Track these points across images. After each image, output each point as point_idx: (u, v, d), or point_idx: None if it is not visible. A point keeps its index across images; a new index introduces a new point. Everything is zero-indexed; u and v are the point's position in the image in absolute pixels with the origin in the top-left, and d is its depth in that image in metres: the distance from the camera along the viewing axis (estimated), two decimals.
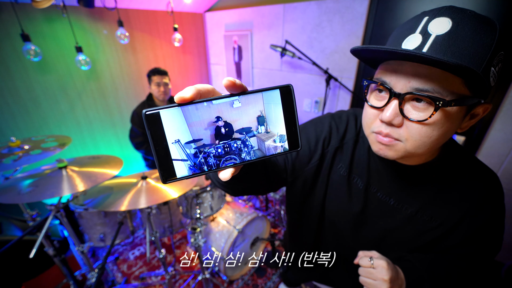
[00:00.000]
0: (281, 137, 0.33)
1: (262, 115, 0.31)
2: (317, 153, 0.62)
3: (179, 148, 0.29)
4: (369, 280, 0.54)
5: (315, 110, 2.28)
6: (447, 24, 0.38)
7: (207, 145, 0.30)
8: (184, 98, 0.28)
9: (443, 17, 0.39)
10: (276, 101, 0.31)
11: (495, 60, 0.38)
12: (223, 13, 2.61)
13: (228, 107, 0.30)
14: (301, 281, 0.95)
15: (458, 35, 0.37)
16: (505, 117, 1.47)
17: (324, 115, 0.67)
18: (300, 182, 0.65)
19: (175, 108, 0.28)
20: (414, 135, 0.42)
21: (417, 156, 0.46)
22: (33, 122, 1.89)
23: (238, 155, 0.32)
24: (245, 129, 0.31)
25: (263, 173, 0.53)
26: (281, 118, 0.32)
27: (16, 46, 1.68)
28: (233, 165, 0.32)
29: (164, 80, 1.88)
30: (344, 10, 1.83)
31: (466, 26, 0.37)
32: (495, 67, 0.38)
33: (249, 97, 0.31)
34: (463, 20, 0.37)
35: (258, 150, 0.33)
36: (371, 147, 0.50)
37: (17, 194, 0.91)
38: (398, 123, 0.42)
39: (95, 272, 1.25)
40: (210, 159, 0.31)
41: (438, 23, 0.39)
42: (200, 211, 1.43)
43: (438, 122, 0.40)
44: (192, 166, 0.30)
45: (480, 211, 0.53)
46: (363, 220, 0.63)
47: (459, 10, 0.39)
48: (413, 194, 0.56)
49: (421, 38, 0.39)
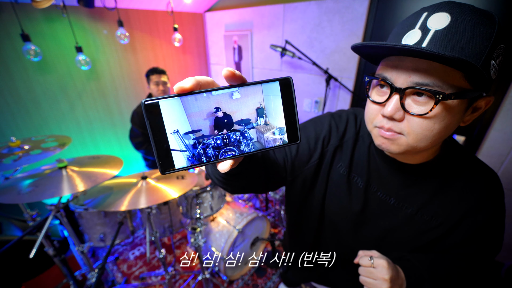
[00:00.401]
0: (280, 129, 0.32)
1: (261, 107, 0.31)
2: (317, 152, 0.62)
3: (178, 138, 0.29)
4: (369, 280, 0.53)
5: (315, 110, 2.28)
6: (446, 19, 0.38)
7: (206, 136, 0.30)
8: (183, 88, 0.28)
9: (442, 12, 0.39)
10: (276, 93, 0.31)
11: (495, 53, 0.38)
12: (223, 13, 2.61)
13: (227, 98, 0.30)
14: (301, 281, 0.94)
15: (457, 29, 0.37)
16: (505, 117, 1.47)
17: (324, 114, 0.67)
18: (300, 181, 0.65)
19: (175, 99, 0.28)
20: (416, 129, 0.42)
21: (419, 151, 0.46)
22: (33, 122, 1.89)
23: (237, 146, 0.31)
24: (244, 120, 0.31)
25: (262, 170, 0.53)
26: (280, 111, 0.32)
27: (16, 46, 1.68)
28: (232, 156, 0.31)
29: (162, 78, 1.88)
30: (344, 10, 1.83)
31: (464, 20, 0.37)
32: (495, 60, 0.39)
33: (249, 89, 0.30)
34: (461, 14, 0.38)
35: (257, 142, 0.32)
36: (374, 141, 0.50)
37: (17, 194, 0.91)
38: (399, 117, 0.43)
39: (95, 272, 1.25)
40: (209, 150, 0.30)
41: (437, 18, 0.39)
42: (200, 211, 1.43)
43: (439, 115, 0.40)
44: (190, 157, 0.30)
45: (480, 211, 0.52)
46: (363, 220, 0.63)
47: (457, 5, 0.39)
48: (413, 194, 0.56)
49: (421, 33, 0.40)
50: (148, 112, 0.27)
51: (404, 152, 0.47)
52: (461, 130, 1.66)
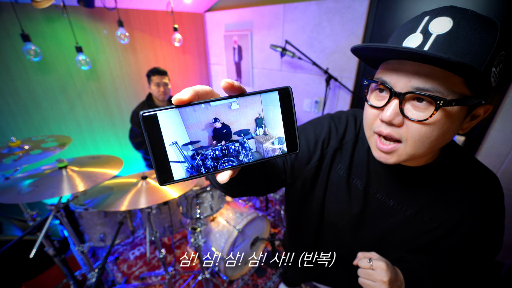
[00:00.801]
0: (279, 139, 0.32)
1: (260, 117, 0.31)
2: (316, 154, 0.62)
3: (177, 150, 0.29)
4: (368, 282, 0.54)
5: (315, 110, 2.28)
6: (448, 23, 0.38)
7: (205, 147, 0.30)
8: (181, 100, 0.27)
9: (444, 16, 0.38)
10: (275, 103, 0.31)
11: (496, 60, 0.37)
12: (223, 13, 2.61)
13: (226, 109, 0.30)
14: (301, 281, 0.95)
15: (459, 34, 0.37)
16: (505, 117, 1.47)
17: (324, 116, 0.67)
18: (300, 183, 0.65)
19: (173, 110, 0.28)
20: (414, 135, 0.41)
21: (418, 158, 0.46)
22: (33, 122, 1.89)
23: (236, 157, 0.31)
24: (243, 131, 0.31)
25: (261, 174, 0.53)
26: (279, 120, 0.32)
27: (16, 46, 1.68)
28: (231, 167, 0.31)
29: (163, 80, 1.88)
30: (344, 10, 1.83)
31: (467, 25, 0.37)
32: (496, 67, 0.38)
33: (247, 99, 0.30)
34: (463, 19, 0.37)
35: (256, 152, 0.32)
36: (372, 152, 0.50)
37: (17, 194, 0.91)
38: (398, 122, 0.42)
39: (95, 272, 1.25)
40: (208, 161, 0.30)
41: (439, 22, 0.38)
42: (200, 211, 1.43)
43: (439, 122, 0.40)
44: (189, 168, 0.30)
45: (479, 213, 0.52)
46: (362, 221, 0.63)
47: (460, 10, 0.39)
48: (412, 196, 0.56)
49: (422, 37, 0.39)
50: (146, 124, 0.27)
51: (403, 161, 0.47)
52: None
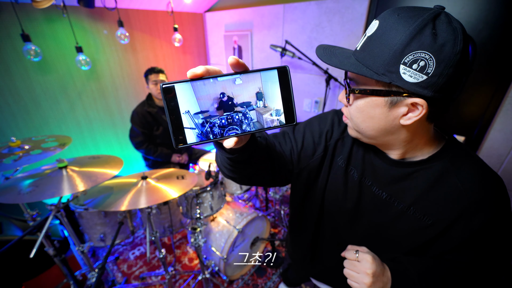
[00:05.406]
0: (277, 111, 0.37)
1: (260, 91, 0.36)
2: (321, 145, 0.65)
3: (189, 118, 0.34)
4: (352, 272, 0.55)
5: (315, 110, 2.28)
6: (375, 26, 0.43)
7: (213, 116, 0.35)
8: (195, 73, 0.33)
9: (376, 20, 0.44)
10: (274, 80, 0.36)
11: (406, 58, 0.39)
12: (223, 13, 2.61)
13: (231, 83, 0.35)
14: (301, 281, 0.95)
15: (376, 36, 0.42)
16: (505, 117, 1.47)
17: (329, 111, 0.70)
18: (306, 174, 0.67)
19: (187, 83, 0.33)
20: (348, 114, 0.53)
21: (367, 138, 0.53)
22: (33, 122, 1.89)
23: (240, 126, 0.36)
24: (245, 103, 0.36)
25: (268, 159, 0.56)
26: (277, 95, 0.36)
27: (17, 46, 1.68)
28: (235, 134, 0.36)
29: (161, 78, 1.89)
30: (344, 10, 1.83)
31: (382, 28, 0.42)
32: (408, 65, 0.40)
33: (249, 76, 0.35)
34: (384, 22, 0.42)
35: (257, 122, 0.37)
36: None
37: (17, 194, 0.91)
38: (345, 102, 0.52)
39: (95, 272, 1.25)
40: (215, 128, 0.35)
41: (372, 25, 0.44)
42: (200, 211, 1.43)
43: (359, 106, 0.49)
44: (199, 134, 0.35)
45: (476, 215, 0.49)
46: (357, 214, 0.64)
47: (389, 13, 0.42)
48: (405, 189, 0.56)
49: (362, 38, 0.46)
50: (165, 94, 0.32)
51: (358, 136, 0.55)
52: (461, 130, 1.66)
